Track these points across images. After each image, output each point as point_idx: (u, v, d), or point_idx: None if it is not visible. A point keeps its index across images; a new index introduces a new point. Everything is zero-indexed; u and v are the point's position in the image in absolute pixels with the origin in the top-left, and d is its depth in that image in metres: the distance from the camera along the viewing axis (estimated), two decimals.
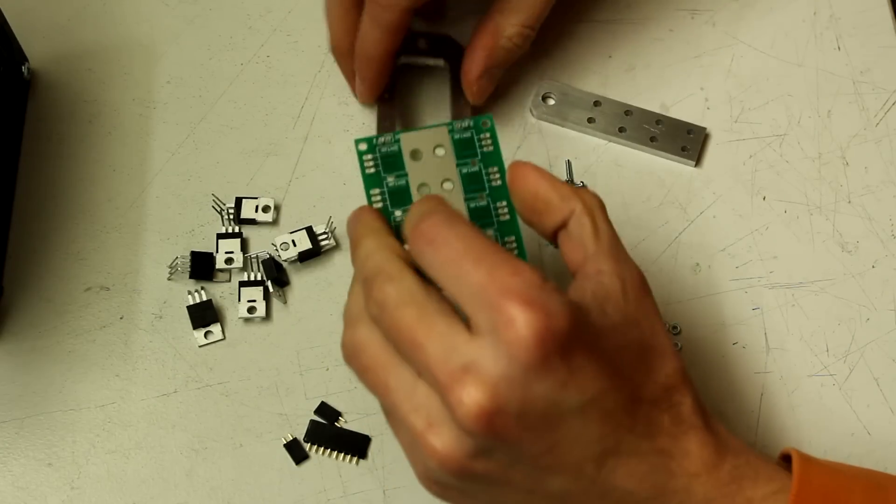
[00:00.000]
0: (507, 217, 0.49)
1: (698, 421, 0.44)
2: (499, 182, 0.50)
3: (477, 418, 0.40)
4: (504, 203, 0.50)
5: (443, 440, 0.41)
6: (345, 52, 0.59)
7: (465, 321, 0.42)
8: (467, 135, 0.50)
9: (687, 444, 0.44)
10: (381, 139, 0.50)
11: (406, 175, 0.50)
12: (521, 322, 0.39)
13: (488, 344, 0.40)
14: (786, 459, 0.46)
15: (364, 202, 0.49)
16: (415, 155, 0.50)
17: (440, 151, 0.50)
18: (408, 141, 0.50)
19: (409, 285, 0.43)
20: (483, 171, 0.50)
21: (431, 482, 0.44)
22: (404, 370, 0.43)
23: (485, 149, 0.50)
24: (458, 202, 0.49)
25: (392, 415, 0.44)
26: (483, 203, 0.50)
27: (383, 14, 0.55)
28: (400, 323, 0.42)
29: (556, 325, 0.39)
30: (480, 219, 0.49)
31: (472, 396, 0.40)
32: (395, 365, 0.43)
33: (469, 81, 0.58)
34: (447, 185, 0.50)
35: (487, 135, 0.50)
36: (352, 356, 0.45)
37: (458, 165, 0.50)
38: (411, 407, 0.42)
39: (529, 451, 0.41)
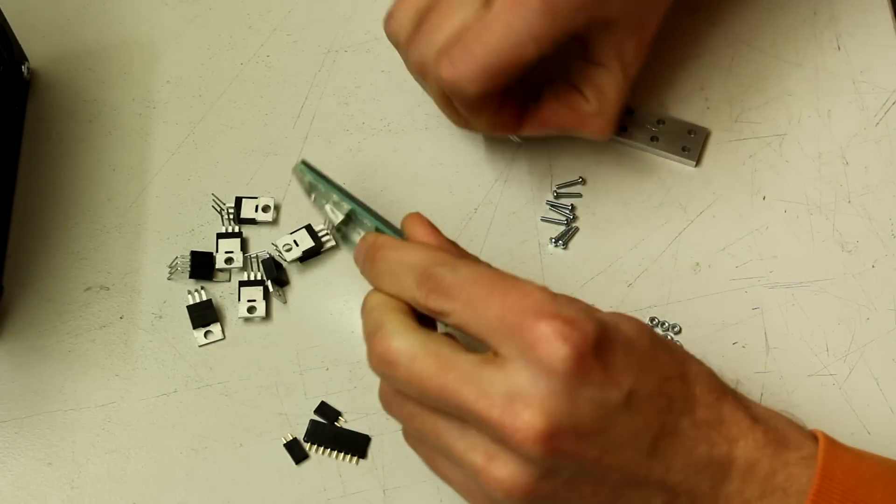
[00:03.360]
0: None
1: (724, 388, 0.46)
2: None
3: (536, 441, 0.40)
4: None
5: (507, 470, 0.42)
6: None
7: (487, 354, 0.42)
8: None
9: (722, 412, 0.44)
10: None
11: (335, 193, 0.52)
12: (549, 336, 0.40)
13: (522, 367, 0.41)
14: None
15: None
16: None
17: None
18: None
19: (415, 336, 0.43)
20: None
21: None
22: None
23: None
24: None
25: (447, 456, 0.44)
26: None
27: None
28: (422, 374, 0.42)
29: (582, 331, 0.41)
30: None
31: (526, 422, 0.40)
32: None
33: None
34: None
35: None
36: (391, 405, 0.46)
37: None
38: (467, 445, 0.43)
39: (589, 459, 0.42)
